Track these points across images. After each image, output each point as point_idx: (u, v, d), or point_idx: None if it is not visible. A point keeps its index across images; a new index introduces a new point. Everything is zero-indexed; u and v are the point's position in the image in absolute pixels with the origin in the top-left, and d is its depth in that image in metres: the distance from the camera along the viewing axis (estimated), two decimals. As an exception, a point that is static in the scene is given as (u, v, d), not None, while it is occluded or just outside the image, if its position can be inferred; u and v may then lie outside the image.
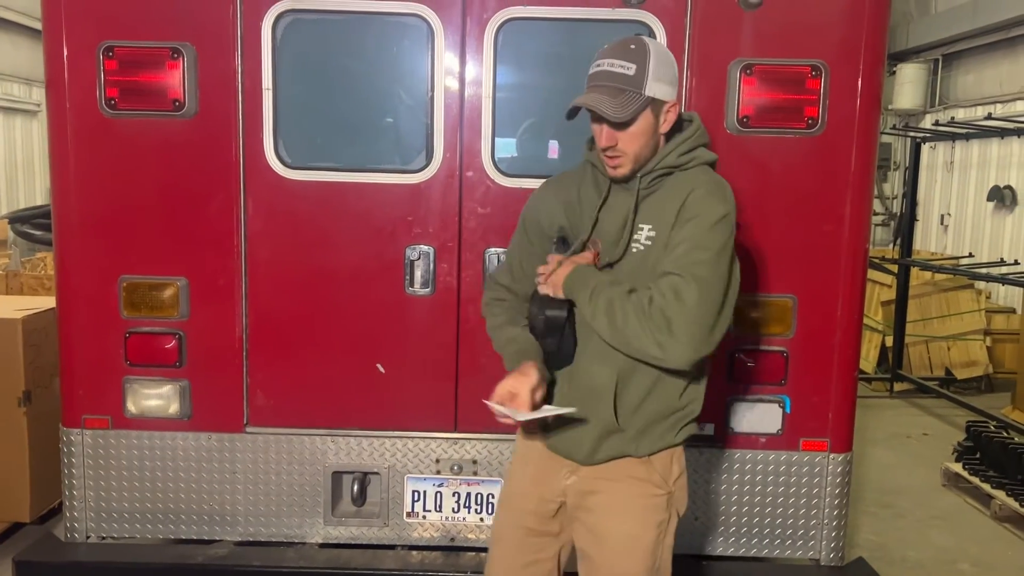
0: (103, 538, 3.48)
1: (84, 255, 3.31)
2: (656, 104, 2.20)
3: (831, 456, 3.38)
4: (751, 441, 3.38)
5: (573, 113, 2.22)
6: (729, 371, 3.33)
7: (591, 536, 2.40)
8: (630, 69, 2.15)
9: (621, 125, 2.18)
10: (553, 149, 3.44)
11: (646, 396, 2.31)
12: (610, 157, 2.24)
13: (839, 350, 3.33)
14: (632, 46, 2.18)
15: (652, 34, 3.16)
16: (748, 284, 3.30)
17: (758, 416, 3.36)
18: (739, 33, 3.16)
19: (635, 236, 2.28)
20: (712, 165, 2.34)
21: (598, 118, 2.20)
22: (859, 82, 3.18)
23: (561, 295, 2.27)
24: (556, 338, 2.33)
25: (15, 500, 4.39)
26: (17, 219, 7.39)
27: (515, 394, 2.21)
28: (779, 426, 3.36)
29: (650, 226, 2.27)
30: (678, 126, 2.31)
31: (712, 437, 3.36)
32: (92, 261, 3.31)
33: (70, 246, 3.33)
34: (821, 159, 3.22)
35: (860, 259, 3.31)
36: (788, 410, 3.36)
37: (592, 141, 2.36)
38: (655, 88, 2.17)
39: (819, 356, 3.33)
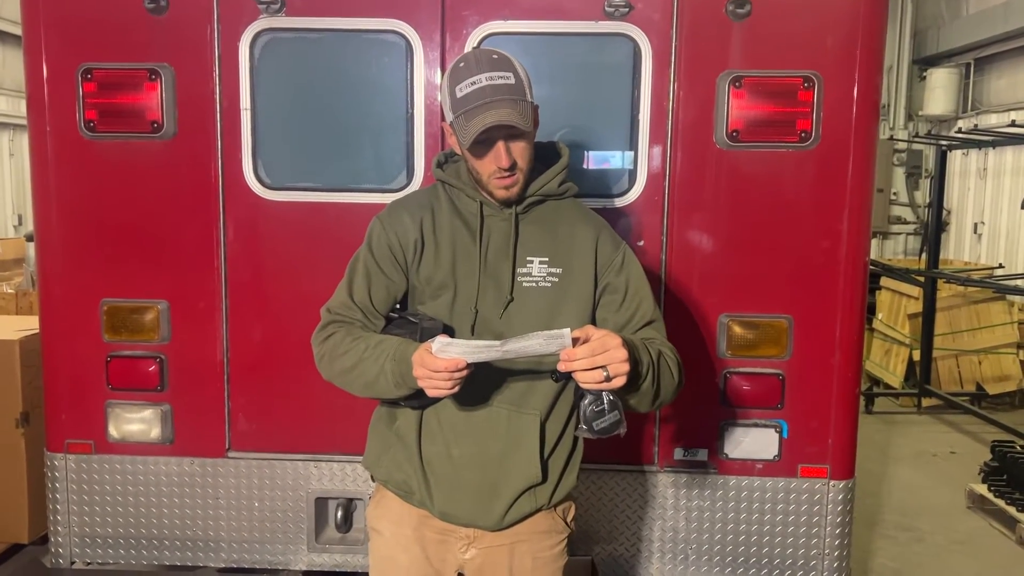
0: (88, 564, 3.44)
1: (66, 278, 3.29)
2: (535, 110, 2.05)
3: (831, 483, 3.23)
4: (747, 467, 3.24)
5: (482, 139, 1.96)
6: (722, 394, 3.20)
7: None
8: (509, 78, 1.97)
9: (520, 138, 2.00)
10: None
11: (559, 440, 2.15)
12: (508, 176, 2.02)
13: (838, 372, 3.19)
14: (494, 56, 2.01)
15: (637, 48, 3.06)
16: (741, 304, 3.19)
17: (754, 441, 3.23)
18: (727, 44, 3.05)
19: (523, 268, 2.10)
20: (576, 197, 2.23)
21: (491, 139, 1.97)
22: (855, 92, 3.04)
23: (624, 372, 1.78)
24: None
25: (14, 521, 4.37)
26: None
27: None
28: (776, 452, 3.22)
29: (543, 259, 2.10)
30: (539, 151, 2.13)
31: (704, 463, 3.24)
32: (74, 284, 3.28)
33: (52, 269, 3.31)
34: (816, 173, 3.09)
35: (859, 276, 3.17)
36: (785, 435, 3.22)
37: (446, 158, 2.22)
38: (530, 93, 2.02)
39: (817, 379, 3.19)
